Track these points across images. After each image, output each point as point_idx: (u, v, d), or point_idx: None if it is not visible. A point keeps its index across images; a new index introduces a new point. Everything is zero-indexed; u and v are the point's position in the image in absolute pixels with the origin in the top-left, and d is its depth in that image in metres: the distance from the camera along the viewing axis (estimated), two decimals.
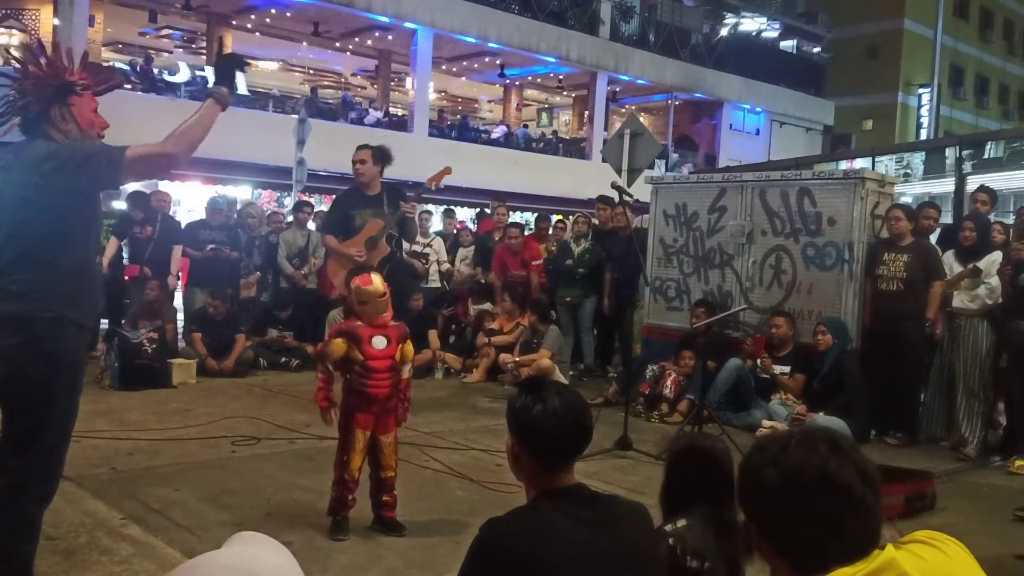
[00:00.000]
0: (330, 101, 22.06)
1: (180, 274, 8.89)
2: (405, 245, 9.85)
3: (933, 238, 7.14)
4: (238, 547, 1.02)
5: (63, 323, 2.78)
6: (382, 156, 6.21)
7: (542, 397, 1.93)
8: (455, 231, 10.74)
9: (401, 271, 6.89)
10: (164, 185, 12.71)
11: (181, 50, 22.63)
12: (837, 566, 1.22)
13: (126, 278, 8.56)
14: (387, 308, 3.87)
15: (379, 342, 3.81)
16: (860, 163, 16.37)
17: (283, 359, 8.37)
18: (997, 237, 6.58)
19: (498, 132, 23.25)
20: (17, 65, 2.94)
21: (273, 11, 19.31)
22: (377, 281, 3.88)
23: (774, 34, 29.30)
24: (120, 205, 9.54)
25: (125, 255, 8.62)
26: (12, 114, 2.93)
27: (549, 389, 1.97)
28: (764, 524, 1.30)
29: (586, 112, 24.64)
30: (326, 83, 25.82)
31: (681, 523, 2.33)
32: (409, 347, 3.94)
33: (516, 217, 16.17)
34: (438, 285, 9.69)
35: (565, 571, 1.78)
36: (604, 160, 10.84)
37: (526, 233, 9.68)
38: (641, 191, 8.55)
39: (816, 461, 1.25)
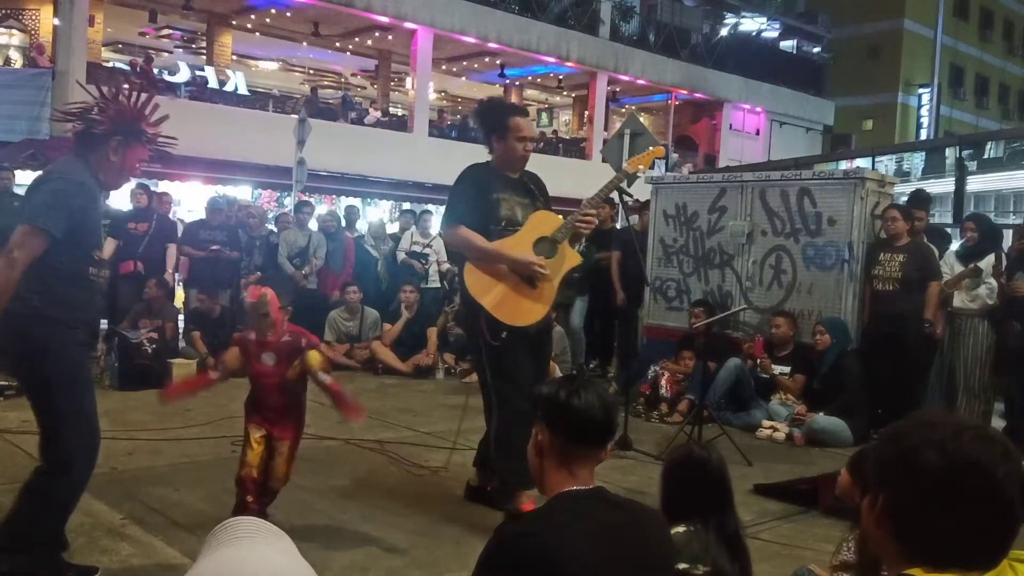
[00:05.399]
0: (330, 101, 22.03)
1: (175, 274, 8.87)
2: (404, 244, 9.90)
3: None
4: (231, 551, 0.98)
5: (47, 320, 2.98)
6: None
7: (574, 384, 1.99)
8: None
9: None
10: (164, 185, 12.75)
11: (181, 50, 22.58)
12: (955, 570, 1.16)
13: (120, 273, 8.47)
14: (273, 326, 3.74)
15: (267, 359, 3.76)
16: (860, 163, 16.38)
17: None
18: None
19: None
20: (113, 90, 3.18)
21: (273, 11, 19.28)
22: (262, 296, 3.72)
23: (774, 34, 29.26)
24: (116, 206, 9.50)
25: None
26: (82, 122, 3.14)
27: (579, 380, 2.05)
28: (897, 503, 1.21)
29: (586, 112, 24.61)
30: (326, 83, 25.77)
31: (679, 530, 2.34)
32: (311, 357, 3.72)
33: None
34: (438, 285, 9.68)
35: (576, 572, 1.76)
36: (604, 160, 10.82)
37: None
38: (641, 191, 8.54)
39: (989, 464, 1.16)
